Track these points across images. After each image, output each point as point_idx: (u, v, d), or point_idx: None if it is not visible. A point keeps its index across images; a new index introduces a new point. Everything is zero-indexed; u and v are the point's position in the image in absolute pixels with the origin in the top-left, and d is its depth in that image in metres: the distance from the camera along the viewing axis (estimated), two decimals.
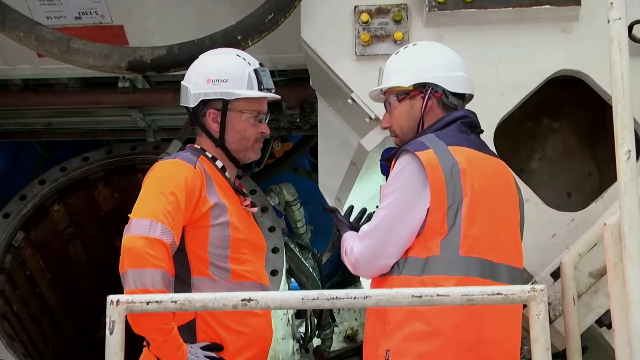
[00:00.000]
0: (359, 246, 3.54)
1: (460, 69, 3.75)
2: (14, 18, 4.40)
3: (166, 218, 3.47)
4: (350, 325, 7.13)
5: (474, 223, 3.44)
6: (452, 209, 3.43)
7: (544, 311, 2.83)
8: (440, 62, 3.74)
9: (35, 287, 6.03)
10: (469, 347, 3.36)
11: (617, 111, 3.43)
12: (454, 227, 3.42)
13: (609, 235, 3.52)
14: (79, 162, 5.94)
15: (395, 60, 3.81)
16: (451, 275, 3.38)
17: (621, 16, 3.47)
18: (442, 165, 3.45)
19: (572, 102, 5.10)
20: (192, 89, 3.79)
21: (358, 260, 3.55)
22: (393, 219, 3.47)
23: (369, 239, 3.52)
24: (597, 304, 4.07)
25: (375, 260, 3.51)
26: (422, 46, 3.86)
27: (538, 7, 4.30)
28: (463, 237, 3.42)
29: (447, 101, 3.69)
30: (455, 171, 3.46)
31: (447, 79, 3.70)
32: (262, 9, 4.34)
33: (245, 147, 3.82)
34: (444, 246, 3.41)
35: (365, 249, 3.53)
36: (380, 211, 3.54)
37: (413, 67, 3.74)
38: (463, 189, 3.45)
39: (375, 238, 3.50)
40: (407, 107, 3.72)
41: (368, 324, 3.60)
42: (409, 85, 3.71)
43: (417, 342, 3.35)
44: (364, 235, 3.55)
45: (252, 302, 2.87)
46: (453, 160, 3.48)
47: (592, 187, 5.05)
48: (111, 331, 2.85)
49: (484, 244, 3.46)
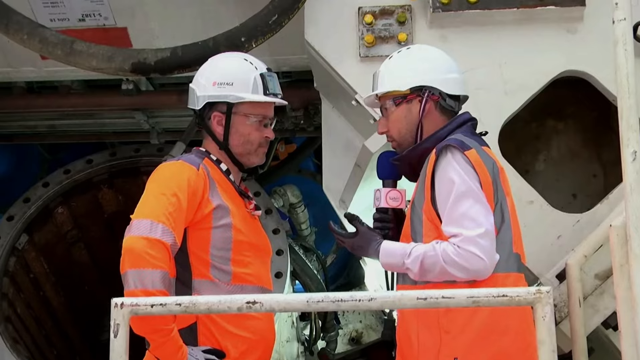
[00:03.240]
0: (481, 249, 3.34)
1: (455, 71, 3.75)
2: (18, 20, 4.39)
3: (167, 219, 3.47)
4: (355, 327, 7.11)
5: (515, 221, 3.50)
6: (498, 207, 3.45)
7: (549, 313, 2.83)
8: (435, 65, 3.73)
9: (39, 290, 6.03)
10: (530, 341, 3.34)
11: (622, 112, 3.42)
12: (503, 225, 3.44)
13: (614, 236, 3.51)
14: (82, 165, 5.94)
15: (390, 64, 3.79)
16: (510, 272, 3.41)
17: (626, 17, 3.46)
18: (485, 164, 3.47)
19: (576, 103, 5.09)
20: (198, 91, 3.80)
21: (487, 263, 3.35)
22: (487, 212, 3.40)
23: (484, 239, 3.36)
24: (603, 306, 4.06)
25: (495, 257, 3.40)
26: (415, 50, 3.86)
27: (542, 8, 4.29)
28: (513, 233, 3.47)
29: (445, 103, 3.69)
30: (496, 170, 3.50)
31: (443, 82, 3.69)
32: (266, 10, 4.34)
33: (249, 151, 3.81)
34: (498, 244, 3.41)
35: (486, 249, 3.36)
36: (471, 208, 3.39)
37: (409, 70, 3.72)
38: (504, 187, 3.50)
39: (491, 235, 3.38)
40: (405, 111, 3.71)
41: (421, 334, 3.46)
42: (405, 89, 3.69)
43: (486, 344, 3.34)
44: (477, 237, 3.35)
45: (257, 304, 2.87)
46: (491, 159, 3.52)
47: (598, 188, 5.03)
48: (115, 334, 2.85)
49: (520, 242, 3.53)
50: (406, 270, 3.50)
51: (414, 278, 3.48)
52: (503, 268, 3.41)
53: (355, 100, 4.37)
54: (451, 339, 3.37)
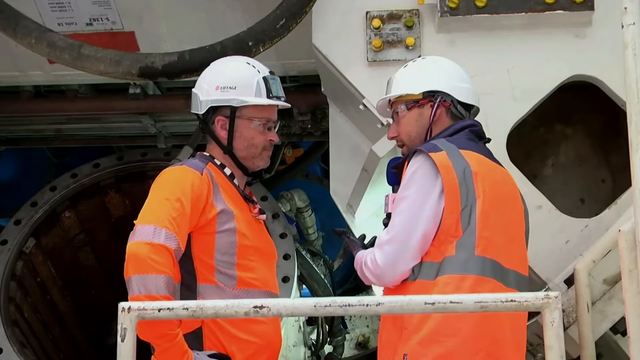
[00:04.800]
0: (381, 254, 3.50)
1: (467, 82, 3.80)
2: (26, 25, 4.40)
3: (171, 224, 3.46)
4: (362, 332, 7.10)
5: (487, 224, 3.46)
6: (466, 211, 3.44)
7: (558, 318, 2.82)
8: (449, 73, 3.78)
9: (46, 293, 6.03)
10: (482, 347, 3.35)
11: (631, 117, 3.40)
12: (468, 228, 3.43)
13: (623, 241, 3.50)
14: (89, 169, 5.94)
15: (404, 71, 3.85)
16: (467, 274, 3.38)
17: (635, 21, 3.44)
18: (454, 167, 3.46)
19: (585, 108, 5.07)
20: (201, 96, 3.80)
21: (382, 268, 3.49)
22: (411, 222, 3.45)
23: (390, 245, 3.48)
24: (612, 311, 4.03)
25: (398, 266, 3.47)
26: (430, 59, 3.92)
27: (551, 13, 4.28)
28: (478, 237, 3.43)
29: (456, 110, 3.72)
30: (468, 173, 3.48)
31: (455, 89, 3.74)
32: (274, 15, 4.34)
33: (254, 155, 3.81)
34: (459, 246, 3.41)
35: (387, 255, 3.49)
36: (397, 216, 3.52)
37: (422, 76, 3.77)
38: (476, 190, 3.47)
39: (396, 244, 3.47)
40: (416, 115, 3.74)
41: (384, 330, 3.58)
42: (418, 93, 3.73)
43: (434, 345, 3.34)
44: (383, 243, 3.51)
45: (264, 309, 2.86)
46: (465, 162, 3.50)
47: (606, 194, 5.01)
48: (122, 338, 2.84)
49: (496, 246, 3.47)
50: None
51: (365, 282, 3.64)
52: (460, 270, 3.39)
53: (362, 104, 4.37)
54: (407, 335, 3.40)
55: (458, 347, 3.33)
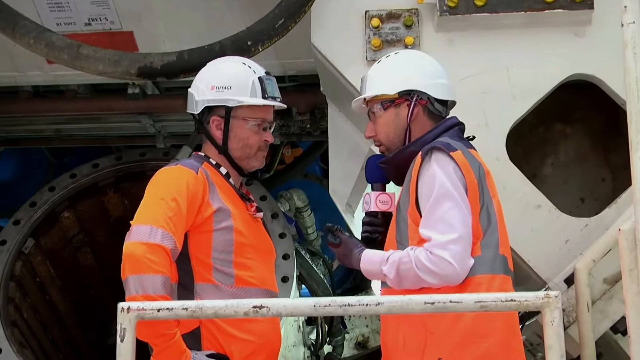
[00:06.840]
0: (450, 254, 3.33)
1: (443, 77, 3.75)
2: (24, 25, 4.40)
3: (167, 224, 3.47)
4: (362, 332, 7.09)
5: (502, 224, 3.49)
6: (484, 210, 3.44)
7: (558, 318, 2.81)
8: (424, 70, 3.74)
9: (45, 294, 6.02)
10: (515, 345, 3.37)
11: (631, 116, 3.40)
12: (490, 227, 3.43)
13: (623, 241, 3.50)
14: (88, 169, 5.93)
15: (378, 69, 3.79)
16: (496, 274, 3.39)
17: (635, 20, 3.43)
18: (471, 166, 3.46)
19: (584, 106, 5.07)
20: (197, 96, 3.81)
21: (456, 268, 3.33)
22: (465, 218, 3.39)
23: (457, 245, 3.35)
24: (612, 311, 4.04)
25: (468, 262, 3.38)
26: (404, 54, 3.86)
27: (550, 11, 4.27)
28: (500, 235, 3.45)
29: (433, 108, 3.69)
30: (482, 173, 3.49)
31: (431, 86, 3.69)
32: (272, 14, 4.33)
33: (248, 155, 3.82)
34: (484, 246, 3.41)
35: (457, 254, 3.34)
36: (447, 213, 3.38)
37: (397, 75, 3.72)
38: (490, 190, 3.49)
39: (462, 241, 3.36)
40: (393, 115, 3.71)
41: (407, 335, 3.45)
42: (394, 93, 3.69)
43: (471, 346, 3.33)
44: (448, 242, 3.35)
45: (264, 309, 2.86)
46: (478, 162, 3.51)
47: (606, 193, 5.01)
48: (122, 338, 2.84)
49: (507, 245, 3.51)
50: (384, 278, 3.50)
51: (392, 285, 3.47)
52: (489, 270, 3.39)
53: None
54: (436, 339, 3.36)
55: (494, 347, 3.33)
